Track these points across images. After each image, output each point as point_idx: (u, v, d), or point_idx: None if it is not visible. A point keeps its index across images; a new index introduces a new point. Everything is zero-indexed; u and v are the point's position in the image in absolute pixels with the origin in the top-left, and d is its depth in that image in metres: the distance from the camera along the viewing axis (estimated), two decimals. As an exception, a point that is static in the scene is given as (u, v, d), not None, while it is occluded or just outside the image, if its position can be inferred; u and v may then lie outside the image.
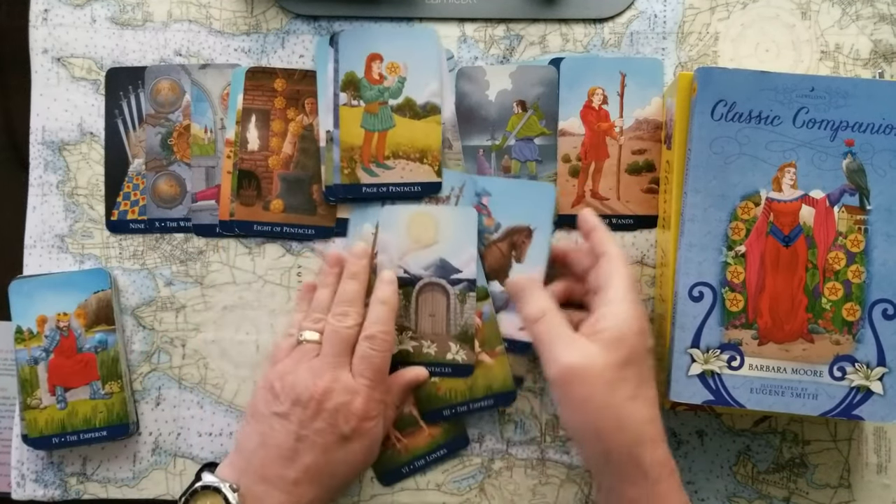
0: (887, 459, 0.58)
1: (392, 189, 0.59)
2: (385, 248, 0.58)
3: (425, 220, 0.58)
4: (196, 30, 0.62)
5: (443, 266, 0.58)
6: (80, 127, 0.62)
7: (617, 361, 0.47)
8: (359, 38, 0.60)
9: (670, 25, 0.61)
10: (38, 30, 0.62)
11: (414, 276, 0.58)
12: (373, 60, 0.60)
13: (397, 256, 0.58)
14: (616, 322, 0.48)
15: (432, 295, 0.58)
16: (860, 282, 0.51)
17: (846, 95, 0.51)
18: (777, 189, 0.52)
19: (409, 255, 0.58)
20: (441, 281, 0.58)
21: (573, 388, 0.47)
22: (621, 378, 0.47)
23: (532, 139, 0.60)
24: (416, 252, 0.58)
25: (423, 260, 0.58)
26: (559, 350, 0.48)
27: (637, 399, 0.47)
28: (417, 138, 0.60)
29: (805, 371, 0.51)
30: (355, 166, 0.59)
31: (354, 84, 0.60)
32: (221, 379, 0.61)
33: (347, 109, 0.60)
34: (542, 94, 0.60)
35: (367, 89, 0.60)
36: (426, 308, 0.58)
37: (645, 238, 0.60)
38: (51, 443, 0.59)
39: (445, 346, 0.58)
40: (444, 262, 0.58)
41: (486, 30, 0.61)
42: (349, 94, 0.60)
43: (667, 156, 0.57)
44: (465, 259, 0.58)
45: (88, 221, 0.61)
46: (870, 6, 0.60)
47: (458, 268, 0.58)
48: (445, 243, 0.58)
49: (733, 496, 0.59)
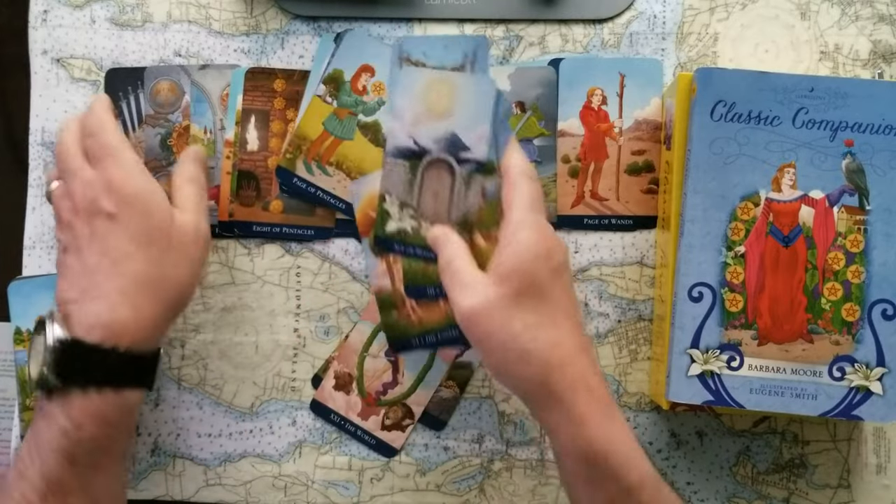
0: (887, 460, 0.58)
1: (318, 193, 0.60)
2: (399, 114, 0.54)
3: (443, 88, 0.54)
4: (196, 31, 0.62)
5: (453, 142, 0.54)
6: (80, 128, 0.62)
7: (509, 294, 0.46)
8: (361, 45, 0.60)
9: (670, 26, 0.61)
10: (38, 31, 0.62)
11: (423, 149, 0.54)
12: (364, 71, 0.60)
13: (410, 124, 0.54)
14: (510, 252, 0.47)
15: (438, 173, 0.54)
16: (860, 282, 0.51)
17: (845, 96, 0.51)
18: (776, 189, 0.52)
19: (422, 125, 0.54)
20: (449, 158, 0.54)
21: (475, 328, 0.47)
22: (517, 309, 0.46)
23: (531, 140, 0.60)
24: (429, 122, 0.54)
25: (435, 132, 0.54)
26: (457, 295, 0.48)
27: (539, 326, 0.46)
28: (365, 161, 0.60)
29: (804, 371, 0.51)
30: (298, 156, 0.59)
31: (337, 84, 0.60)
32: (221, 380, 0.61)
33: (320, 102, 0.60)
34: (541, 95, 0.60)
35: (346, 94, 0.60)
36: (430, 186, 0.54)
37: (644, 239, 0.60)
38: (50, 444, 0.59)
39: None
40: (455, 137, 0.54)
41: (486, 30, 0.61)
42: (328, 90, 0.60)
43: (666, 156, 0.57)
44: (477, 136, 0.54)
45: (88, 222, 0.61)
46: (869, 7, 0.60)
47: (468, 145, 0.54)
48: (459, 116, 0.54)
49: (733, 497, 0.59)
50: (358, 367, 0.60)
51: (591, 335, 0.60)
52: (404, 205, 0.54)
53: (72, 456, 0.46)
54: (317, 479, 0.60)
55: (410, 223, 0.54)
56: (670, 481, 0.59)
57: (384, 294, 0.57)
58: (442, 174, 0.54)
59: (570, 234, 0.60)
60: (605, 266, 0.60)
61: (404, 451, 0.60)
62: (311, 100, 0.60)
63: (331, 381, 0.60)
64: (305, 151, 0.59)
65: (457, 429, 0.60)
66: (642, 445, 0.58)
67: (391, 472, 0.60)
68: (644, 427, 0.59)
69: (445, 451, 0.60)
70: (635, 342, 0.60)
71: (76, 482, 0.47)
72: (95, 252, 0.48)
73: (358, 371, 0.60)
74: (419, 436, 0.60)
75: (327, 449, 0.60)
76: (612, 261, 0.60)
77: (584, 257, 0.60)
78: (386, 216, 0.54)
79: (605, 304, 0.60)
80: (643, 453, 0.47)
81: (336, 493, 0.60)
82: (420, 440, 0.60)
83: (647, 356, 0.59)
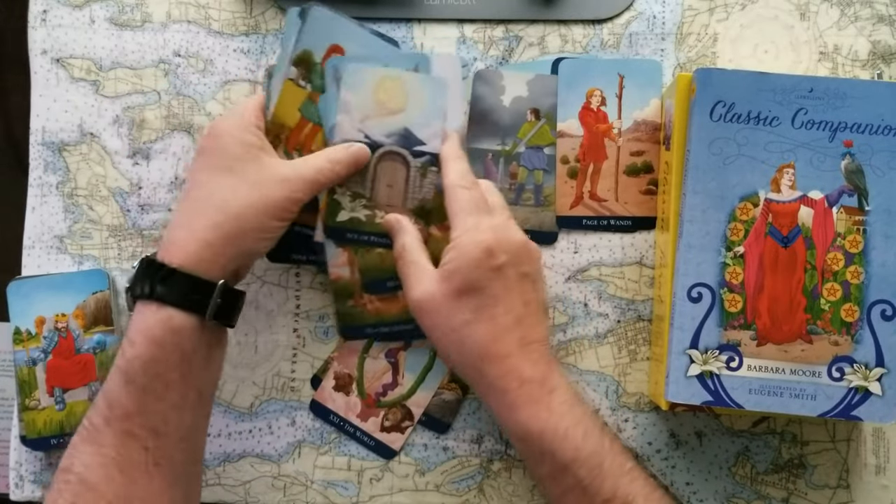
0: (886, 460, 0.58)
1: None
2: (347, 108, 0.55)
3: (394, 85, 0.55)
4: (195, 31, 0.62)
5: (406, 136, 0.56)
6: (80, 128, 0.62)
7: (451, 291, 0.51)
8: (330, 23, 0.57)
9: (669, 26, 0.61)
10: (37, 31, 0.62)
11: (374, 143, 0.55)
12: (334, 51, 0.57)
13: (358, 119, 0.55)
14: (453, 254, 0.51)
15: (392, 164, 0.56)
16: (859, 282, 0.51)
17: (845, 96, 0.51)
18: (776, 190, 0.52)
19: (372, 120, 0.55)
20: (403, 151, 0.55)
21: (423, 317, 0.52)
22: (457, 305, 0.51)
23: (542, 148, 0.60)
24: (380, 118, 0.55)
25: (387, 127, 0.56)
26: (409, 285, 0.53)
27: (477, 321, 0.50)
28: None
29: (804, 372, 0.51)
30: (278, 146, 0.56)
31: (308, 65, 0.57)
32: (220, 380, 0.61)
33: (293, 86, 0.56)
34: (556, 105, 0.60)
35: (318, 77, 0.57)
36: (384, 177, 0.56)
37: (644, 239, 0.60)
38: (49, 444, 0.59)
39: None
40: (408, 132, 0.55)
41: (486, 31, 0.61)
42: (300, 73, 0.57)
43: (665, 157, 0.57)
44: (432, 132, 0.56)
45: (87, 222, 0.61)
46: (868, 7, 0.60)
47: (422, 140, 0.56)
48: (412, 112, 0.56)
49: (732, 497, 0.59)
50: (358, 368, 0.60)
51: (591, 335, 0.60)
52: (356, 195, 0.56)
53: (127, 374, 0.48)
54: (316, 479, 0.60)
55: (364, 212, 0.56)
56: (670, 481, 0.59)
57: (342, 282, 0.57)
58: (396, 166, 0.56)
59: (570, 235, 0.60)
60: (605, 266, 0.60)
61: (403, 452, 0.60)
62: (284, 84, 0.56)
63: (330, 382, 0.60)
64: (285, 141, 0.56)
65: (456, 429, 0.60)
66: (642, 446, 0.59)
67: (390, 472, 0.60)
68: (643, 427, 0.59)
69: (445, 452, 0.60)
70: (634, 342, 0.60)
71: (133, 404, 0.48)
72: (188, 183, 0.53)
73: (358, 372, 0.60)
74: (418, 436, 0.60)
75: (326, 449, 0.60)
76: (611, 261, 0.60)
77: (583, 258, 0.60)
78: (336, 206, 0.56)
79: (605, 305, 0.60)
80: (589, 432, 0.50)
81: (335, 494, 0.60)
82: (419, 440, 0.60)
83: (646, 356, 0.59)
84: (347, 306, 0.58)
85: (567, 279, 0.60)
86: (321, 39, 0.57)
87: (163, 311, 0.48)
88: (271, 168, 0.52)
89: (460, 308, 0.51)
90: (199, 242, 0.50)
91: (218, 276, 0.50)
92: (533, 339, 0.52)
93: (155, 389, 0.48)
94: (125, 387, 0.48)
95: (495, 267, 0.51)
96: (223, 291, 0.50)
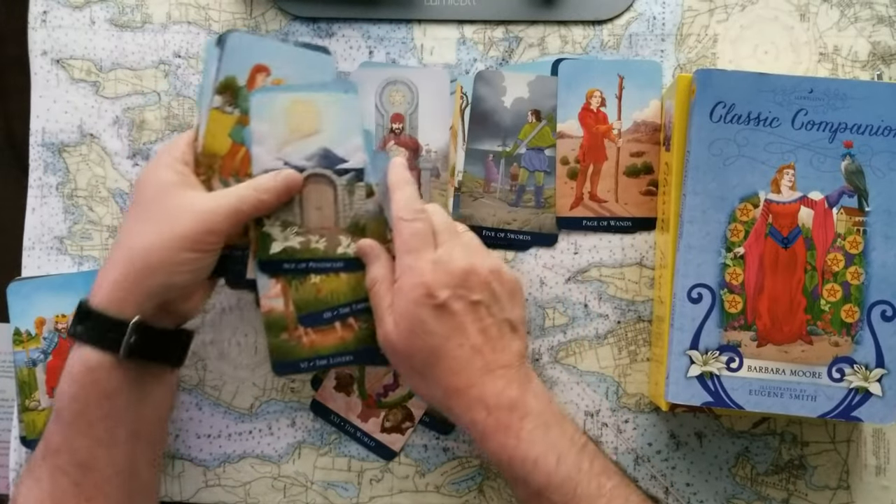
0: (886, 461, 0.58)
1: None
2: (261, 139, 0.54)
3: (305, 108, 0.54)
4: (195, 31, 0.62)
5: (326, 156, 0.54)
6: (80, 129, 0.62)
7: (404, 333, 0.51)
8: (249, 46, 0.55)
9: (669, 27, 0.61)
10: (38, 31, 0.62)
11: (296, 168, 0.54)
12: (259, 72, 0.55)
13: (275, 148, 0.54)
14: (396, 299, 0.52)
15: (317, 187, 0.54)
16: (859, 283, 0.51)
17: (845, 97, 0.51)
18: (776, 191, 0.52)
19: (289, 146, 0.54)
20: (326, 172, 0.54)
21: (388, 354, 0.53)
22: (411, 347, 0.51)
23: (543, 149, 0.60)
24: (297, 142, 0.54)
25: (305, 150, 0.54)
26: (377, 321, 0.53)
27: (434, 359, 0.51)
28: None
29: (804, 373, 0.51)
30: (213, 175, 0.54)
31: (233, 90, 0.55)
32: (220, 381, 0.61)
33: (219, 114, 0.55)
34: (557, 106, 0.60)
35: (244, 99, 0.55)
36: (312, 201, 0.55)
37: (643, 240, 0.60)
38: (49, 444, 0.59)
39: (335, 241, 0.55)
40: (327, 151, 0.54)
41: (485, 31, 0.61)
42: (225, 99, 0.55)
43: (665, 158, 0.57)
44: (351, 147, 0.55)
45: (87, 223, 0.61)
46: (868, 8, 0.60)
47: (343, 157, 0.55)
48: (328, 131, 0.55)
49: (732, 498, 0.59)
50: (359, 369, 0.60)
51: (591, 336, 0.60)
52: (287, 223, 0.54)
53: (56, 411, 0.50)
54: (316, 479, 0.60)
55: (298, 240, 0.54)
56: (670, 482, 0.59)
57: (274, 315, 0.55)
58: (322, 187, 0.54)
59: (570, 236, 0.60)
60: (605, 267, 0.60)
61: (404, 452, 0.60)
62: (210, 114, 0.55)
63: (331, 382, 0.60)
64: (219, 169, 0.54)
65: (457, 430, 0.60)
66: (642, 447, 0.59)
67: (390, 472, 0.60)
68: (643, 428, 0.59)
69: (445, 452, 0.60)
70: (634, 343, 0.60)
71: (61, 440, 0.49)
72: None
73: (359, 372, 0.60)
74: (419, 437, 0.60)
75: (327, 450, 0.60)
76: (611, 262, 0.60)
77: (583, 258, 0.60)
78: (268, 239, 0.54)
79: (605, 306, 0.60)
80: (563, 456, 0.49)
81: (335, 494, 0.60)
82: (419, 441, 0.60)
83: (646, 357, 0.59)
84: (280, 340, 0.55)
85: (567, 280, 0.60)
86: (243, 63, 0.55)
87: (81, 350, 0.50)
88: (186, 201, 0.52)
89: (416, 349, 0.51)
90: (110, 282, 0.50)
91: (131, 314, 0.50)
92: (498, 364, 0.51)
93: (79, 426, 0.49)
94: (55, 423, 0.50)
95: (438, 305, 0.50)
96: (140, 330, 0.50)
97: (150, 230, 0.51)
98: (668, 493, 0.59)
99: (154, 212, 0.51)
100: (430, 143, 0.60)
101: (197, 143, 0.54)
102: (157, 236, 0.50)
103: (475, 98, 0.60)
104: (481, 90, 0.60)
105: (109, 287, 0.50)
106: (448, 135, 0.60)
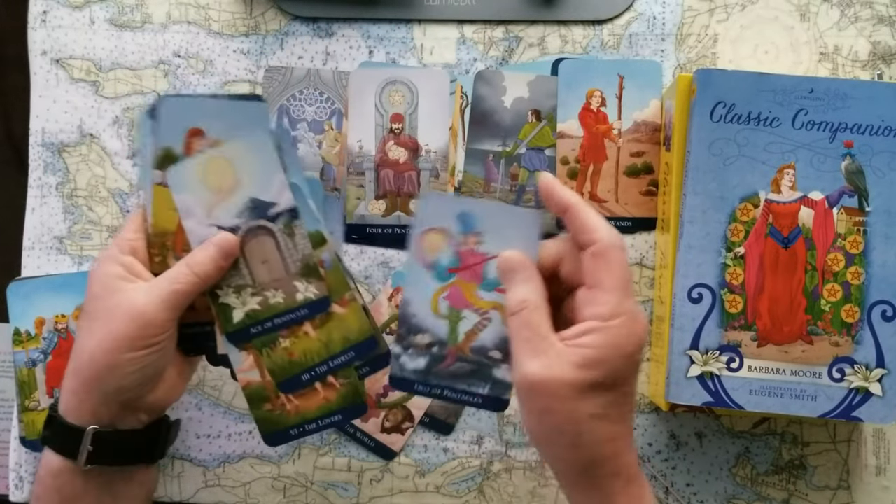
0: (886, 461, 0.58)
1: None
2: (187, 211, 0.51)
3: (218, 165, 0.52)
4: (195, 31, 0.62)
5: (255, 206, 0.52)
6: (80, 128, 0.62)
7: (588, 381, 0.42)
8: (180, 110, 0.52)
9: (669, 27, 0.61)
10: (37, 31, 0.62)
11: (230, 229, 0.51)
12: (193, 136, 0.52)
13: (205, 216, 0.51)
14: (602, 342, 0.42)
15: (257, 240, 0.52)
16: (859, 283, 0.51)
17: (845, 97, 0.51)
18: (776, 190, 0.52)
19: (217, 209, 0.51)
20: (260, 222, 0.52)
21: (534, 397, 0.43)
22: (589, 397, 0.42)
23: (543, 149, 0.60)
24: (222, 203, 0.51)
25: (233, 208, 0.51)
26: (525, 356, 0.43)
27: (604, 419, 0.42)
28: None
29: (804, 373, 0.51)
30: (167, 254, 0.51)
31: (173, 161, 0.51)
32: (220, 381, 0.61)
33: (163, 189, 0.51)
34: (557, 106, 0.60)
35: None
36: (256, 256, 0.52)
37: (644, 240, 0.60)
38: (49, 445, 0.59)
39: (292, 289, 0.52)
40: (255, 201, 0.52)
41: (485, 31, 0.61)
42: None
43: (666, 158, 0.57)
44: (276, 189, 0.51)
45: (87, 223, 0.61)
46: (868, 8, 0.60)
47: (271, 201, 0.52)
48: (248, 180, 0.51)
49: (732, 498, 0.59)
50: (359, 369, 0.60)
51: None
52: (239, 288, 0.52)
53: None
54: (316, 480, 0.60)
55: (256, 300, 0.52)
56: (670, 482, 0.59)
57: (253, 387, 0.53)
58: (262, 239, 0.52)
59: (570, 236, 0.60)
60: (605, 267, 0.60)
61: (404, 453, 0.60)
62: (153, 190, 0.51)
63: (330, 383, 0.60)
64: (172, 246, 0.52)
65: (456, 430, 0.60)
66: (642, 447, 0.59)
67: (390, 473, 0.60)
68: (644, 428, 0.59)
69: (445, 453, 0.60)
70: (635, 343, 0.60)
71: None
72: None
73: (357, 372, 0.60)
74: (418, 437, 0.60)
75: (326, 450, 0.60)
76: (611, 262, 0.60)
77: (583, 258, 0.60)
78: (227, 310, 0.52)
79: (605, 306, 0.60)
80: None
81: (335, 495, 0.60)
82: (419, 441, 0.60)
83: (646, 357, 0.59)
84: (264, 411, 0.53)
85: (567, 280, 0.60)
86: (177, 129, 0.52)
87: (46, 454, 0.50)
88: (123, 298, 0.49)
89: (591, 401, 0.42)
90: (66, 391, 0.49)
91: (88, 421, 0.48)
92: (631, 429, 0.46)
93: None
94: None
95: (637, 362, 0.44)
96: (99, 438, 0.48)
97: (95, 332, 0.49)
98: (668, 494, 0.59)
99: (98, 311, 0.49)
100: (429, 143, 0.60)
101: (146, 223, 0.52)
102: (97, 341, 0.48)
103: (475, 98, 0.60)
104: (481, 90, 0.60)
105: (67, 394, 0.49)
106: (448, 135, 0.60)
